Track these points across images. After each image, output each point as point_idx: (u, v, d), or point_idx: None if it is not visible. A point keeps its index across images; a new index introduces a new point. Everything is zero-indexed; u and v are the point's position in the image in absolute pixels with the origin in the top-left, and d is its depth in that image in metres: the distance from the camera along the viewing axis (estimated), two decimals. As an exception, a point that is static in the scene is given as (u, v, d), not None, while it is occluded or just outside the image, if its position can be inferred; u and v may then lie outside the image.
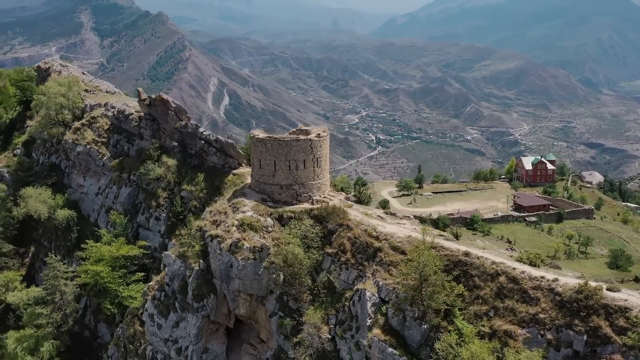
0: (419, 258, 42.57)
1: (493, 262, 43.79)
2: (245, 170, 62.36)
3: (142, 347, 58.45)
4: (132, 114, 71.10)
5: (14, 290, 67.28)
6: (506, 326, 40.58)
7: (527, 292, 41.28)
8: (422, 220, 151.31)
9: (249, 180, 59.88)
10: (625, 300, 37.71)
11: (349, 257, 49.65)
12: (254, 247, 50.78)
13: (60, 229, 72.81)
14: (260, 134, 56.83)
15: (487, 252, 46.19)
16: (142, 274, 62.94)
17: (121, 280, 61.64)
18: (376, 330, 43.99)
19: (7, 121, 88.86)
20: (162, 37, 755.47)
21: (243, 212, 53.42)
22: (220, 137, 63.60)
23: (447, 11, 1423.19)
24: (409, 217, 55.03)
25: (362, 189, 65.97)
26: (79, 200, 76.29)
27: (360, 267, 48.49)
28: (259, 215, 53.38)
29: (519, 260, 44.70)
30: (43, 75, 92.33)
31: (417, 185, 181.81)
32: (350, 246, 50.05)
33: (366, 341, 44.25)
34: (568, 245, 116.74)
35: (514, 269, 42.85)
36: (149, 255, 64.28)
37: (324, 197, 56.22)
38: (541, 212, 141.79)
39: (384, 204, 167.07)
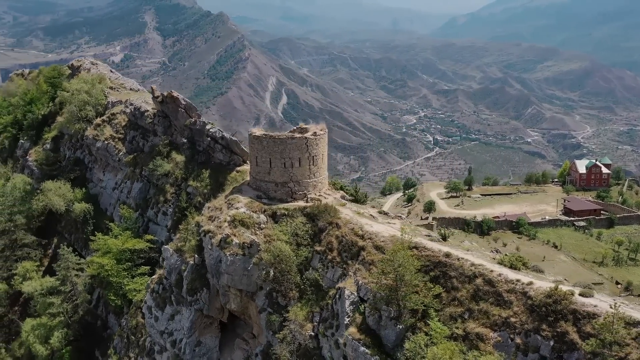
0: (394, 257, 42.39)
1: (472, 264, 43.16)
2: (248, 167, 63.04)
3: (143, 339, 59.93)
4: (148, 110, 72.79)
5: (29, 280, 69.60)
6: (479, 329, 40.00)
7: (501, 295, 40.60)
8: (465, 222, 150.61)
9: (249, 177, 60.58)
10: (595, 306, 36.68)
11: (335, 256, 49.74)
12: (244, 243, 51.37)
13: (78, 222, 75.05)
14: (257, 131, 57.29)
15: (469, 253, 45.55)
16: (148, 267, 64.31)
17: (126, 273, 63.20)
18: (352, 329, 43.96)
19: (40, 117, 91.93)
20: (222, 37, 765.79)
21: (236, 208, 54.11)
22: (226, 135, 64.44)
23: (509, 11, 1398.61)
24: (400, 216, 54.78)
25: (411, 190, 65.11)
26: (98, 195, 78.64)
27: (344, 266, 48.53)
28: (252, 211, 53.94)
29: (500, 262, 43.91)
30: (75, 72, 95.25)
31: (466, 187, 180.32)
32: (337, 244, 50.12)
33: (342, 339, 44.31)
34: (617, 252, 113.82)
35: (492, 271, 42.14)
36: (155, 249, 65.59)
37: (319, 195, 56.36)
38: (591, 217, 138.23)
39: (430, 206, 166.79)
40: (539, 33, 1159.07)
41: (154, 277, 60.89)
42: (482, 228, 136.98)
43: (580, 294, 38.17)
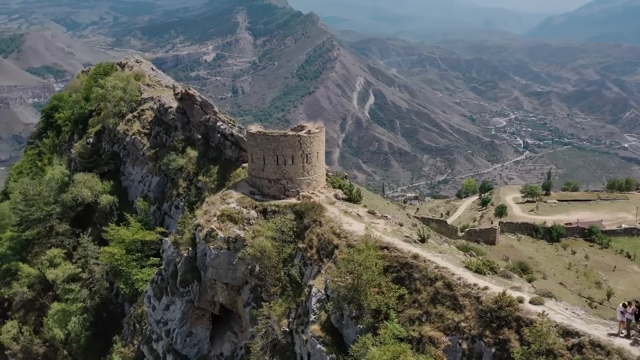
0: (352, 256, 42.36)
1: (437, 267, 42.46)
2: (251, 164, 64.08)
3: (146, 327, 62.13)
4: (171, 107, 75.11)
5: (55, 267, 73.26)
6: (432, 332, 39.38)
7: (457, 299, 39.82)
8: (534, 228, 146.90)
9: (250, 173, 61.57)
10: (547, 314, 35.42)
11: (313, 253, 50.04)
12: (229, 237, 52.49)
13: (106, 213, 78.35)
14: (253, 128, 58.22)
15: (439, 256, 44.78)
16: (158, 259, 66.42)
17: (135, 263, 65.61)
18: (314, 327, 44.17)
19: (87, 111, 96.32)
20: (312, 37, 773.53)
21: (227, 203, 55.27)
22: (235, 132, 65.68)
23: (609, 11, 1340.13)
24: (386, 216, 54.27)
25: (486, 194, 64.53)
26: (128, 187, 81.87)
27: (320, 264, 48.77)
28: (243, 207, 54.92)
29: (467, 266, 42.98)
30: (123, 70, 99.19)
31: (544, 192, 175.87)
32: (316, 242, 50.37)
33: (305, 336, 44.64)
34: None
35: (453, 274, 41.32)
36: (167, 241, 67.60)
37: (312, 193, 56.66)
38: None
39: (501, 210, 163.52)
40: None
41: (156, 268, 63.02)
42: (551, 234, 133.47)
43: (530, 302, 36.96)
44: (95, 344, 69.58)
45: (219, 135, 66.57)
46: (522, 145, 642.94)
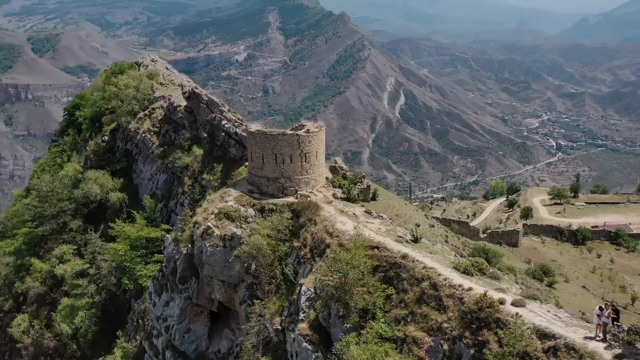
0: (340, 255, 42.40)
1: (424, 267, 42.30)
2: (254, 163, 64.33)
3: (147, 323, 62.81)
4: (180, 106, 75.78)
5: (64, 263, 74.38)
6: (416, 332, 39.23)
7: (441, 300, 39.64)
8: (559, 230, 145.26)
9: (252, 172, 61.86)
10: (520, 316, 35.05)
11: (307, 252, 50.19)
12: (225, 235, 52.88)
13: (116, 210, 79.39)
14: (252, 127, 58.51)
15: (428, 256, 44.55)
16: (163, 256, 66.99)
17: (139, 260, 66.32)
18: (302, 325, 44.32)
19: (103, 110, 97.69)
20: (342, 37, 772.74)
21: (226, 201, 55.65)
22: (239, 131, 65.98)
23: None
24: (381, 216, 54.10)
25: (513, 195, 64.39)
26: (138, 185, 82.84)
27: (312, 262, 48.88)
28: (241, 205, 55.25)
29: (455, 267, 42.69)
30: (140, 69, 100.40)
31: (572, 195, 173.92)
32: (310, 241, 50.50)
33: (293, 334, 44.78)
34: None
35: (440, 275, 41.13)
36: (171, 238, 68.19)
37: (310, 192, 56.76)
38: None
39: (526, 212, 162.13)
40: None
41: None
42: (576, 237, 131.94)
43: (512, 303, 36.60)
44: (103, 339, 70.53)
45: (223, 133, 67.06)
46: (554, 147, 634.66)
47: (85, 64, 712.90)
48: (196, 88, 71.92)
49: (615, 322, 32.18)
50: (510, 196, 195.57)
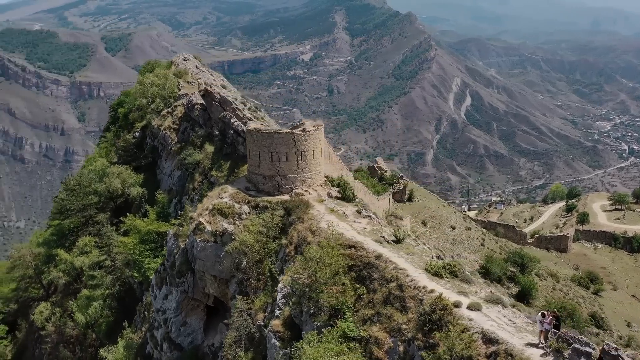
0: (310, 254, 42.63)
1: (395, 268, 42.13)
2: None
3: (151, 315, 64.40)
4: (198, 104, 77.18)
5: (85, 255, 76.87)
6: (378, 333, 39.20)
7: (405, 301, 39.44)
8: (613, 237, 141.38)
9: (255, 169, 62.55)
10: (471, 320, 34.60)
11: (291, 250, 50.65)
12: (216, 231, 53.80)
13: (136, 204, 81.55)
14: (252, 125, 59.19)
15: (403, 257, 44.23)
16: (170, 249, 68.55)
17: (149, 253, 67.97)
18: (275, 322, 44.87)
19: (135, 106, 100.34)
20: (409, 37, 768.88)
21: (221, 198, 56.60)
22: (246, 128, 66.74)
23: None
24: (370, 216, 53.82)
25: (573, 200, 63.51)
26: (160, 181, 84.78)
27: (294, 260, 49.14)
28: (235, 202, 56.06)
29: (426, 269, 42.22)
30: (175, 67, 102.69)
31: (634, 200, 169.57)
32: (296, 239, 50.88)
33: (267, 330, 45.27)
34: None
35: (407, 276, 40.91)
36: (182, 233, 69.57)
37: (305, 190, 57.04)
38: None
39: (583, 218, 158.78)
40: None
41: (166, 258, 65.18)
42: (632, 245, 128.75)
43: (468, 307, 36.05)
44: (118, 329, 72.51)
45: (232, 131, 68.10)
46: (627, 151, 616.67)
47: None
48: (209, 87, 73.14)
49: (555, 330, 31.44)
50: (569, 201, 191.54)
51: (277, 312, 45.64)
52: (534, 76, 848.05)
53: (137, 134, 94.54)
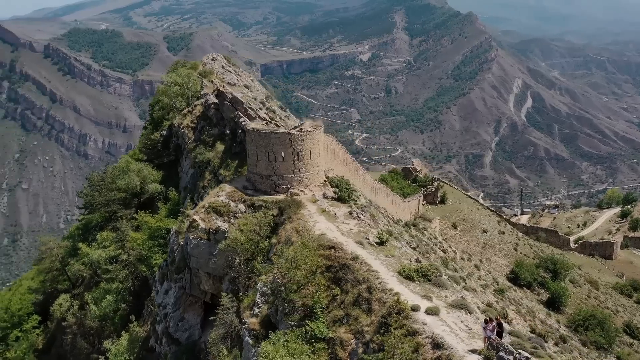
0: (283, 253, 42.97)
1: (368, 270, 42.16)
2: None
3: (154, 309, 65.73)
4: (213, 103, 78.17)
5: (104, 249, 78.89)
6: (345, 334, 39.33)
7: (371, 303, 39.40)
8: None
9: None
10: (425, 324, 34.34)
11: (278, 249, 50.82)
12: (209, 228, 54.62)
13: (155, 201, 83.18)
14: (250, 124, 59.76)
15: (380, 259, 44.07)
16: (179, 246, 69.74)
17: (158, 249, 69.29)
18: (252, 320, 45.35)
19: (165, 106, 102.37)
20: (469, 37, 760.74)
21: (218, 196, 57.41)
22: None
23: None
24: (360, 217, 53.61)
25: (629, 206, 63.09)
26: (180, 178, 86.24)
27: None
28: (232, 200, 56.79)
29: (399, 272, 41.94)
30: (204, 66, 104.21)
31: None
32: (283, 238, 51.17)
33: (243, 327, 45.74)
34: None
35: (377, 278, 40.92)
36: (192, 230, 70.72)
37: (301, 190, 57.30)
38: None
39: (635, 224, 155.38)
40: None
41: (172, 254, 66.39)
42: None
43: (425, 311, 35.71)
44: (131, 322, 74.19)
45: (240, 130, 68.80)
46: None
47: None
48: (223, 86, 74.11)
49: (497, 336, 31.00)
50: (625, 206, 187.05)
51: (256, 310, 46.07)
52: (599, 78, 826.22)
53: (165, 132, 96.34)
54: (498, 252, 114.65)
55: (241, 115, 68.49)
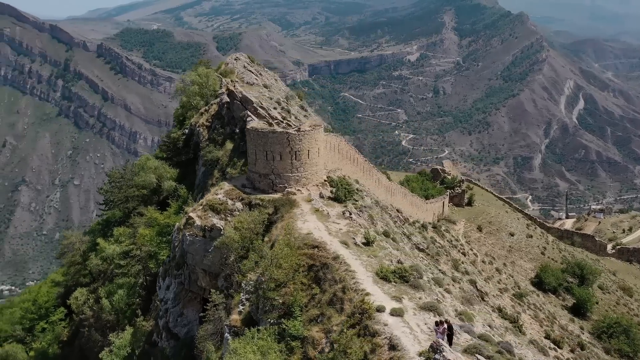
0: (264, 252, 43.24)
1: (346, 270, 42.13)
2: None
3: (159, 304, 66.75)
4: (226, 102, 78.88)
5: (119, 244, 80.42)
6: (317, 334, 39.41)
7: (344, 303, 39.34)
8: None
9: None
10: (386, 325, 34.20)
11: (260, 247, 51.09)
12: (205, 226, 55.23)
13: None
14: (251, 124, 60.19)
15: (360, 259, 43.93)
16: (186, 242, 70.62)
17: (165, 245, 70.32)
18: (234, 317, 45.76)
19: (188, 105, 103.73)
20: (519, 37, 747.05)
21: (216, 194, 58.02)
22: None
23: None
24: (350, 217, 53.41)
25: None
26: (196, 176, 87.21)
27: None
28: (229, 198, 57.37)
29: (377, 272, 41.74)
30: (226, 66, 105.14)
31: None
32: (274, 237, 51.43)
33: (224, 324, 46.16)
34: None
35: (353, 278, 40.90)
36: (200, 227, 71.52)
37: (298, 189, 57.48)
38: None
39: None
40: None
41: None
42: None
43: (390, 312, 35.51)
44: (137, 316, 75.46)
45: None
46: None
47: (263, 62, 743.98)
48: (234, 86, 74.74)
49: (448, 339, 30.74)
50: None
51: (240, 307, 46.42)
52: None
53: (187, 131, 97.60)
54: (524, 255, 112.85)
55: (249, 114, 68.95)
